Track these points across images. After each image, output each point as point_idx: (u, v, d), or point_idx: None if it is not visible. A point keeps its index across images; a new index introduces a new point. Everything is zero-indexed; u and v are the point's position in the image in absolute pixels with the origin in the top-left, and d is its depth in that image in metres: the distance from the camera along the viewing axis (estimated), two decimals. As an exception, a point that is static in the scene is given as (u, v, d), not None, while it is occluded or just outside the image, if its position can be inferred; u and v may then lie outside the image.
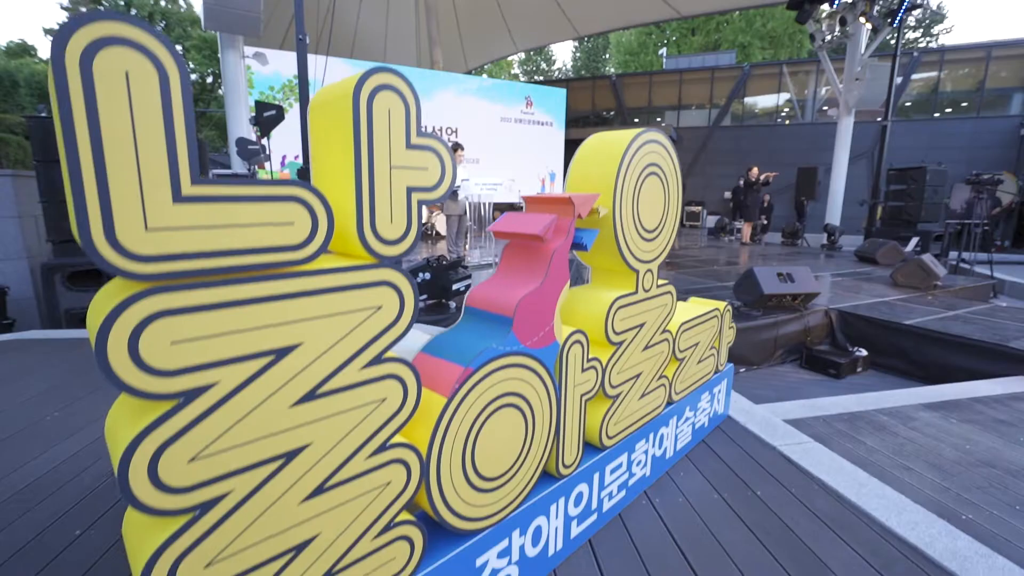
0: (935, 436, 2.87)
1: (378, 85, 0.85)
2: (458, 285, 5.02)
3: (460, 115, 14.04)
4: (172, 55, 0.63)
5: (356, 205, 0.85)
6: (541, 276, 1.24)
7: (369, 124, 0.85)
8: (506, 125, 14.93)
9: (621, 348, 1.57)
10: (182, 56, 0.64)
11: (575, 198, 1.27)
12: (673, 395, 1.96)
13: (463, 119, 14.08)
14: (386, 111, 0.87)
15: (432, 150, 0.94)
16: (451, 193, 7.21)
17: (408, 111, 0.90)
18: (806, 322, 4.99)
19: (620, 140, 1.47)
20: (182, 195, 0.67)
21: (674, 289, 1.81)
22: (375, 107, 0.85)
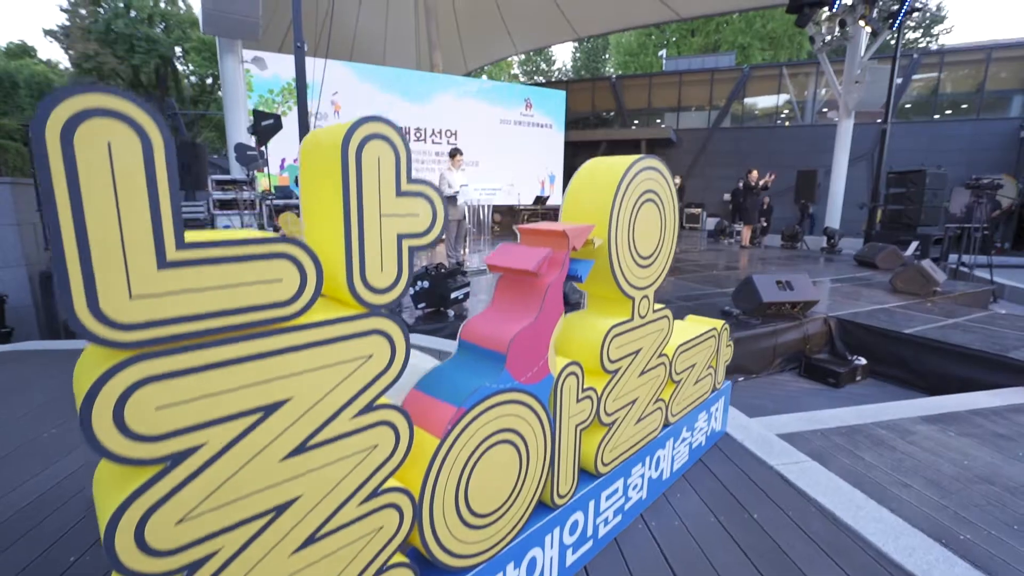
0: (933, 451, 2.87)
1: (368, 135, 0.85)
2: (456, 293, 5.01)
3: (460, 118, 14.03)
4: (155, 122, 0.63)
5: (346, 257, 0.85)
6: (535, 311, 1.23)
7: (358, 175, 0.84)
8: (506, 127, 14.92)
9: (617, 376, 1.56)
10: (165, 123, 0.63)
11: (570, 231, 1.27)
12: (670, 417, 1.95)
13: (463, 122, 14.07)
14: (376, 160, 0.86)
15: (423, 196, 0.94)
16: (450, 198, 7.20)
17: (398, 159, 0.89)
18: (805, 330, 4.98)
19: (616, 168, 1.47)
20: (167, 261, 0.66)
21: (671, 313, 1.80)
22: (364, 157, 0.85)
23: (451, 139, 14.02)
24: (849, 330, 5.02)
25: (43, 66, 28.62)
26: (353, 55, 16.14)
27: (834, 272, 8.11)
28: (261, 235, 0.75)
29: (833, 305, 5.63)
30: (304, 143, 0.94)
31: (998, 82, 14.20)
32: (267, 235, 0.76)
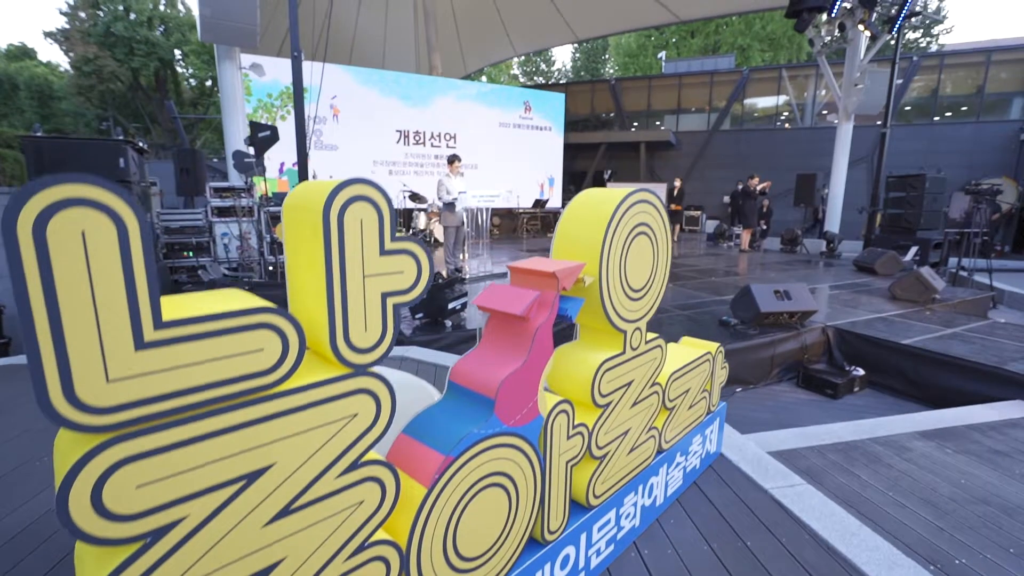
0: (930, 469, 2.86)
1: (350, 198, 0.84)
2: (454, 304, 5.01)
3: (459, 121, 14.03)
4: (130, 205, 0.62)
5: (328, 319, 0.84)
6: (524, 354, 1.23)
7: (341, 238, 0.84)
8: (505, 130, 14.93)
9: (608, 409, 1.56)
10: (139, 206, 0.63)
11: (559, 272, 1.26)
12: (663, 444, 1.95)
13: (462, 125, 14.08)
14: (358, 222, 0.86)
15: (408, 252, 0.93)
16: (448, 205, 7.18)
17: (382, 218, 0.89)
18: (803, 340, 4.98)
19: (608, 202, 1.46)
20: (145, 341, 0.66)
21: (664, 342, 1.80)
22: (347, 220, 0.84)
23: (450, 142, 14.02)
24: (847, 340, 5.01)
25: (44, 68, 28.65)
26: (352, 58, 16.15)
27: (833, 278, 8.10)
28: (242, 306, 0.75)
29: (831, 314, 5.62)
30: (288, 201, 0.93)
31: (998, 84, 14.18)
32: (249, 305, 0.75)
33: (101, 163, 4.82)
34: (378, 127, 12.93)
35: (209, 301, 0.79)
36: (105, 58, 20.55)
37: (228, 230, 7.00)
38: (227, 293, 0.85)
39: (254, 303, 0.78)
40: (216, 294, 0.84)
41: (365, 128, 12.70)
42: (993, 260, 8.90)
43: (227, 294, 0.84)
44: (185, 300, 0.78)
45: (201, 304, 0.76)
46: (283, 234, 3.33)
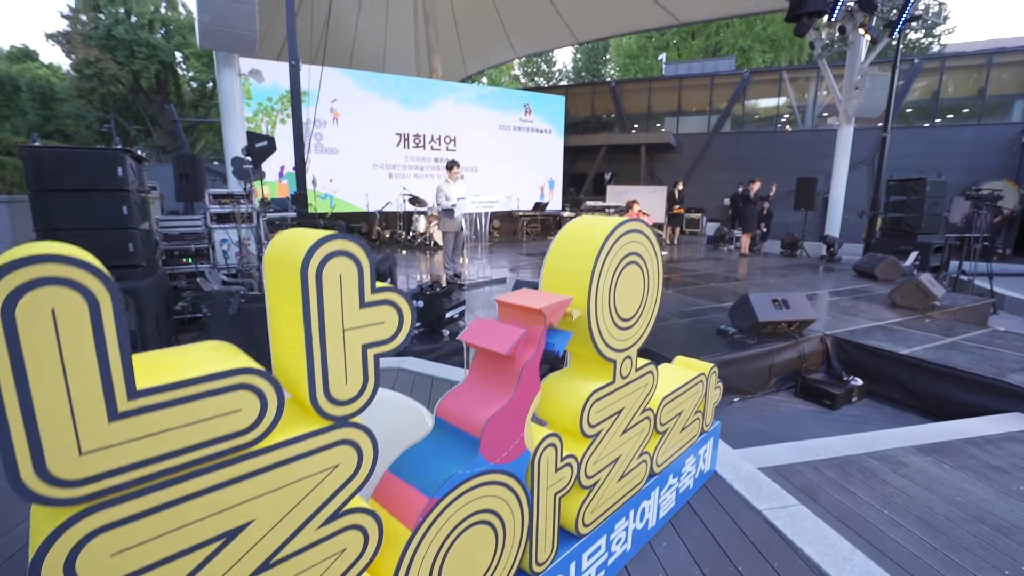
0: (926, 485, 2.85)
1: (328, 254, 0.84)
2: (452, 313, 5.01)
3: (459, 124, 14.03)
4: (101, 279, 0.62)
5: (308, 374, 0.84)
6: (510, 392, 1.23)
7: (319, 296, 0.84)
8: (505, 133, 14.92)
9: (597, 439, 1.56)
10: (111, 279, 0.63)
11: (546, 309, 1.26)
12: (655, 468, 1.95)
13: (462, 128, 14.08)
14: (337, 278, 0.86)
15: (389, 303, 0.93)
16: (447, 211, 7.19)
17: (361, 272, 0.89)
18: (801, 349, 4.97)
19: (596, 235, 1.46)
20: (119, 412, 0.66)
21: (655, 368, 1.80)
22: (325, 276, 0.84)
23: (450, 145, 14.03)
24: (846, 349, 5.00)
25: (46, 70, 28.71)
26: (353, 61, 16.17)
27: (833, 283, 8.08)
28: (220, 367, 0.75)
29: (831, 322, 5.61)
30: (268, 252, 0.93)
31: (999, 87, 14.14)
32: (226, 367, 0.75)
33: (99, 173, 4.82)
34: (378, 130, 12.93)
35: (189, 358, 0.79)
36: (106, 61, 20.58)
37: (227, 236, 7.01)
38: (208, 348, 0.85)
39: (231, 363, 0.78)
40: (198, 349, 0.84)
41: (365, 131, 12.71)
42: (994, 264, 8.88)
43: (208, 349, 0.84)
44: (165, 358, 0.78)
45: (180, 363, 0.76)
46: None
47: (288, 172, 11.87)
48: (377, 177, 13.06)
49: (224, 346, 0.86)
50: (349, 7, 15.72)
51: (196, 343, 0.87)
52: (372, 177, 12.99)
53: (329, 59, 14.82)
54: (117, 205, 4.92)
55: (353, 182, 12.74)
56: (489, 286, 7.56)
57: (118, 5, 20.42)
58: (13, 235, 5.25)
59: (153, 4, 21.63)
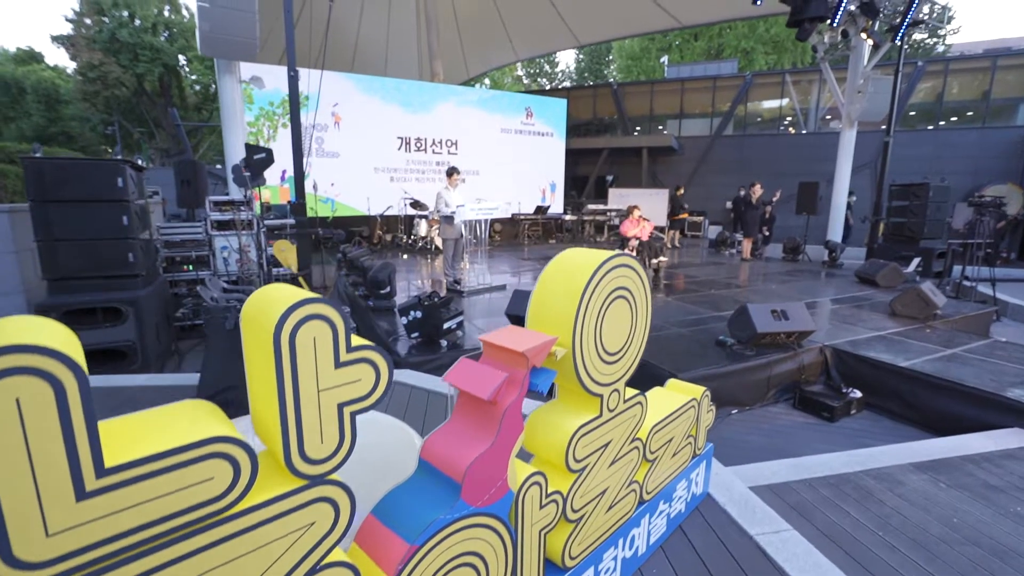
0: (923, 506, 2.84)
1: (302, 318, 0.85)
2: (449, 323, 5.01)
3: (460, 127, 14.04)
4: (67, 365, 0.63)
5: (282, 436, 0.85)
6: (492, 435, 1.23)
7: (292, 359, 0.84)
8: (506, 136, 14.93)
9: (584, 473, 1.56)
10: (77, 364, 0.63)
11: (529, 352, 1.26)
12: (644, 495, 1.94)
13: (463, 132, 14.09)
14: (311, 341, 0.86)
15: (365, 361, 0.94)
16: (447, 218, 7.19)
17: (336, 333, 0.89)
18: (800, 360, 4.95)
19: (583, 271, 1.46)
20: (86, 491, 0.67)
21: (645, 398, 1.79)
22: (299, 341, 0.84)
23: (452, 149, 14.04)
24: (845, 360, 4.98)
25: (51, 72, 28.90)
26: (355, 65, 16.19)
27: (834, 290, 8.04)
28: (190, 439, 0.75)
29: (831, 331, 5.59)
30: (246, 308, 0.94)
31: (1004, 90, 14.05)
32: (197, 437, 0.76)
33: (99, 183, 4.85)
34: (379, 134, 12.96)
35: (163, 425, 0.79)
36: (110, 64, 20.70)
37: (228, 243, 7.04)
38: (185, 410, 0.85)
39: (204, 430, 0.78)
40: (175, 411, 0.84)
41: (366, 135, 12.74)
42: (998, 269, 8.83)
43: (184, 412, 0.84)
44: (139, 425, 0.79)
45: (154, 430, 0.77)
46: (280, 253, 3.37)
47: (290, 176, 11.90)
48: (378, 181, 13.09)
49: (202, 408, 0.86)
50: (350, 11, 15.74)
51: (174, 404, 0.87)
52: (373, 181, 13.02)
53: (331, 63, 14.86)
54: (117, 215, 4.96)
55: (354, 186, 12.77)
56: (489, 293, 7.56)
57: (122, 8, 20.52)
58: (15, 244, 5.28)
59: (156, 7, 21.73)
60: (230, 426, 0.83)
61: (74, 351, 0.66)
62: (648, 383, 4.42)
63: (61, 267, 4.83)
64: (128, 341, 4.92)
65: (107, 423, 0.76)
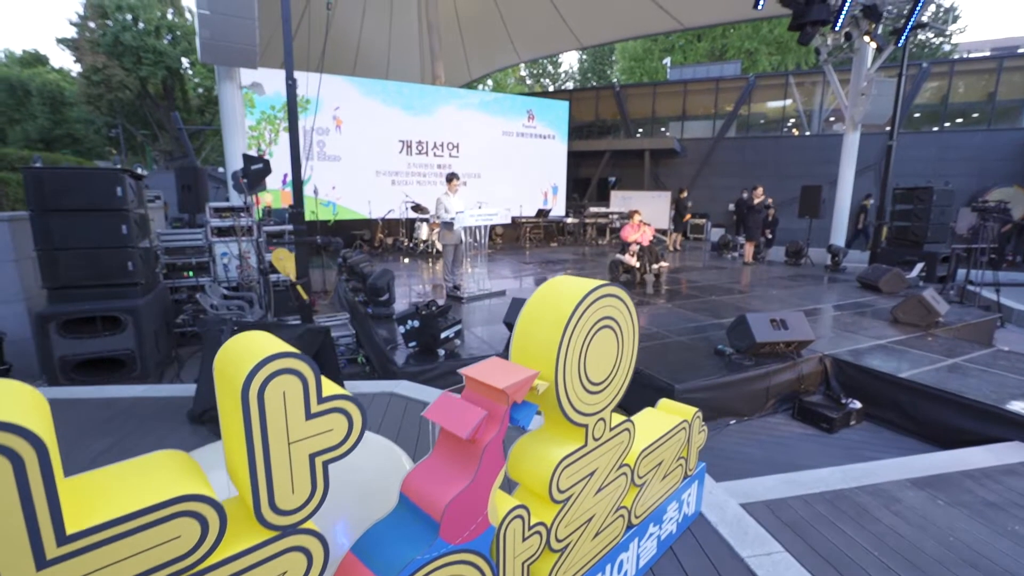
0: (919, 524, 2.81)
1: (271, 374, 0.84)
2: (447, 332, 5.01)
3: (462, 130, 14.05)
4: (26, 438, 0.63)
5: (252, 489, 0.84)
6: (471, 473, 1.23)
7: (261, 415, 0.84)
8: (508, 139, 14.92)
9: (568, 503, 1.55)
10: (37, 436, 0.63)
11: (509, 389, 1.26)
12: (633, 520, 1.93)
13: (465, 134, 14.09)
14: (280, 395, 0.86)
15: (337, 411, 0.93)
16: (446, 224, 7.19)
17: (306, 386, 0.89)
18: (800, 370, 4.92)
19: (567, 302, 1.45)
20: (47, 560, 0.67)
21: (632, 425, 1.79)
22: (267, 396, 0.84)
23: (453, 152, 14.05)
24: (845, 370, 4.95)
25: (56, 74, 29.09)
26: (356, 68, 16.22)
27: (836, 296, 8.00)
28: (157, 499, 0.75)
29: (831, 340, 5.55)
30: (219, 356, 0.94)
31: (1010, 91, 13.94)
32: (164, 496, 0.75)
33: (98, 192, 4.88)
34: (381, 137, 12.98)
35: (131, 482, 0.79)
36: (114, 67, 20.80)
37: (228, 250, 7.06)
38: (157, 463, 0.85)
39: (174, 487, 0.78)
40: (146, 465, 0.84)
41: (368, 138, 12.76)
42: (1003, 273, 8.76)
43: (156, 465, 0.84)
44: (107, 482, 0.79)
45: (121, 488, 0.77)
46: (278, 261, 3.36)
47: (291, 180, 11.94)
48: (380, 184, 13.11)
49: (174, 460, 0.86)
50: (352, 14, 15.77)
51: (146, 456, 0.87)
52: (375, 184, 13.04)
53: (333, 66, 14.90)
54: (116, 224, 4.99)
55: (356, 189, 12.79)
56: (489, 299, 7.56)
57: (126, 12, 20.63)
58: (15, 252, 5.31)
59: (160, 11, 21.84)
60: (201, 480, 0.82)
61: (37, 417, 0.65)
62: (645, 394, 4.41)
63: (61, 276, 4.86)
64: (127, 350, 4.95)
65: (75, 480, 0.76)
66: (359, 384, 4.15)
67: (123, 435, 3.20)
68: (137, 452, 2.85)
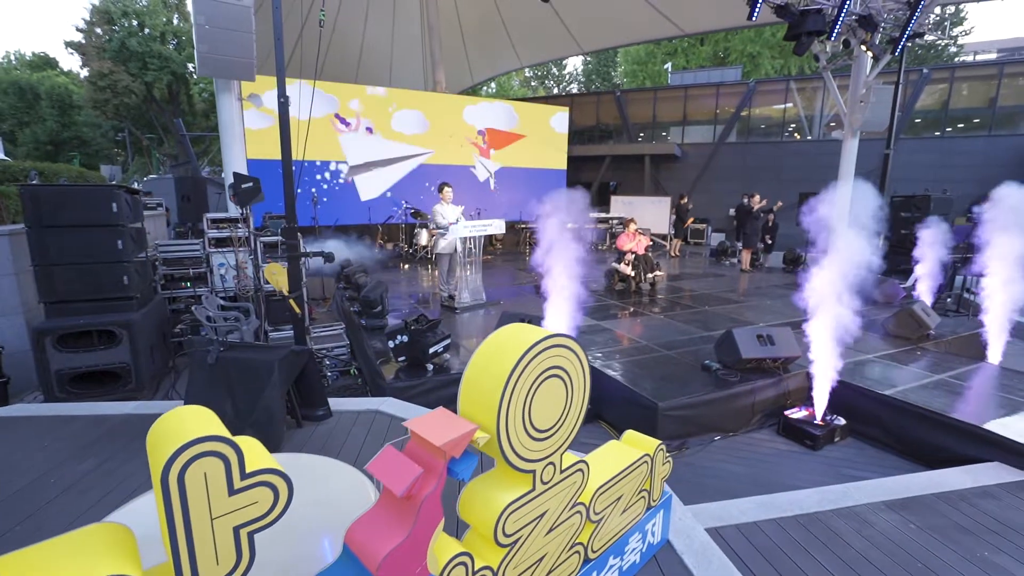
0: (890, 550, 2.83)
1: (191, 458, 0.90)
2: (436, 347, 5.07)
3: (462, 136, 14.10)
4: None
5: (175, 566, 0.90)
6: (408, 526, 1.28)
7: (182, 497, 0.89)
8: (508, 144, 14.95)
9: (515, 546, 1.60)
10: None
11: (446, 446, 1.31)
12: (590, 555, 1.98)
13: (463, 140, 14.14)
14: (202, 476, 0.91)
15: (263, 484, 0.99)
16: (441, 233, 7.23)
17: (229, 466, 0.94)
18: (785, 386, 4.95)
19: (513, 353, 1.49)
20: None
21: (586, 465, 1.83)
22: (188, 479, 0.90)
23: (453, 158, 14.10)
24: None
25: (64, 78, 29.43)
26: (359, 74, 16.32)
27: (830, 307, 7.97)
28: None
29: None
30: (151, 432, 0.99)
31: (1011, 97, 13.82)
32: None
33: (94, 208, 4.97)
34: (380, 145, 13.06)
35: (57, 564, 0.84)
36: (119, 73, 21.05)
37: (225, 260, 7.15)
38: (88, 540, 0.90)
39: (101, 569, 0.83)
40: (76, 542, 0.89)
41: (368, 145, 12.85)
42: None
43: (87, 542, 0.89)
44: (32, 560, 0.84)
45: (47, 569, 0.82)
46: (271, 276, 3.42)
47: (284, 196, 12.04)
48: (379, 190, 13.20)
49: (109, 535, 0.92)
50: (355, 20, 15.88)
51: (82, 530, 0.93)
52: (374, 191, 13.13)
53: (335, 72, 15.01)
54: (112, 240, 5.08)
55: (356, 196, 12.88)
56: (483, 309, 7.62)
57: (131, 18, 20.86)
58: (14, 266, 5.43)
59: (165, 16, 22.07)
60: (129, 557, 0.88)
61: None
62: (631, 411, 4.44)
63: (57, 291, 4.95)
64: (122, 363, 5.03)
65: (2, 561, 0.82)
66: (345, 401, 4.21)
67: (107, 456, 3.27)
68: (119, 476, 2.92)
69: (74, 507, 2.76)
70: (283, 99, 5.12)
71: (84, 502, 2.81)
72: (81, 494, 2.91)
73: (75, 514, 2.69)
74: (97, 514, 2.63)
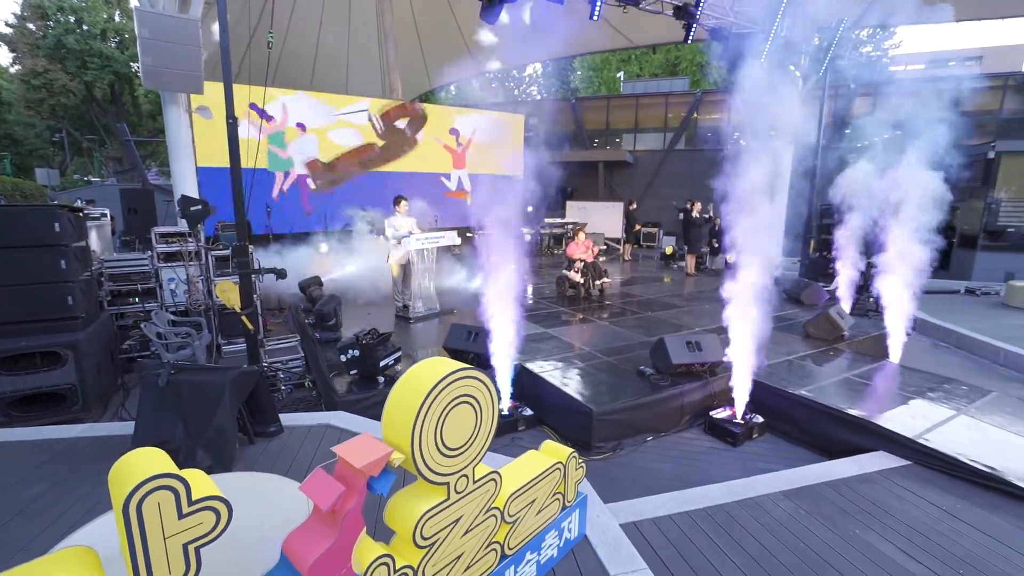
0: (780, 534, 3.25)
1: (147, 492, 1.14)
2: (387, 361, 5.29)
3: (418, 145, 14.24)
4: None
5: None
6: (334, 535, 1.55)
7: (140, 523, 1.13)
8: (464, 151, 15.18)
9: (433, 548, 1.88)
10: None
11: (365, 467, 1.58)
12: (507, 551, 2.29)
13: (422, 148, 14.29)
14: (156, 508, 1.16)
15: (207, 509, 1.24)
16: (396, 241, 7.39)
17: (178, 496, 1.19)
18: (711, 388, 5.41)
19: (425, 384, 1.78)
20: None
21: (499, 476, 2.13)
22: (145, 511, 1.14)
23: (407, 165, 14.22)
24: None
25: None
26: (314, 81, 16.18)
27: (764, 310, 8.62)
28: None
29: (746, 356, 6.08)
30: (113, 470, 1.22)
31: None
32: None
33: (36, 229, 4.94)
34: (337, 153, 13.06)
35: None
36: (56, 71, 20.02)
37: (175, 275, 7.11)
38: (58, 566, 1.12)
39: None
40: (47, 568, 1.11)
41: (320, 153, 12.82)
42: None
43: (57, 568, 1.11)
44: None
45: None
46: (223, 294, 3.59)
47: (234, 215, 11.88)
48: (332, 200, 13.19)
49: (81, 557, 1.14)
50: (310, 25, 15.75)
51: (51, 555, 1.15)
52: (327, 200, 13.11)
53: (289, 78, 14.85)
54: (55, 260, 5.05)
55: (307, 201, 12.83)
56: (437, 318, 7.85)
57: (68, 14, 19.87)
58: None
59: (106, 13, 21.11)
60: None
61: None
62: (571, 417, 4.77)
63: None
64: (68, 384, 5.01)
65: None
66: (297, 416, 4.38)
67: (58, 480, 3.36)
68: (70, 499, 3.05)
69: (26, 531, 2.87)
70: (231, 120, 5.23)
71: (36, 526, 2.92)
72: (32, 518, 3.01)
73: (28, 538, 2.80)
74: (51, 537, 2.75)
